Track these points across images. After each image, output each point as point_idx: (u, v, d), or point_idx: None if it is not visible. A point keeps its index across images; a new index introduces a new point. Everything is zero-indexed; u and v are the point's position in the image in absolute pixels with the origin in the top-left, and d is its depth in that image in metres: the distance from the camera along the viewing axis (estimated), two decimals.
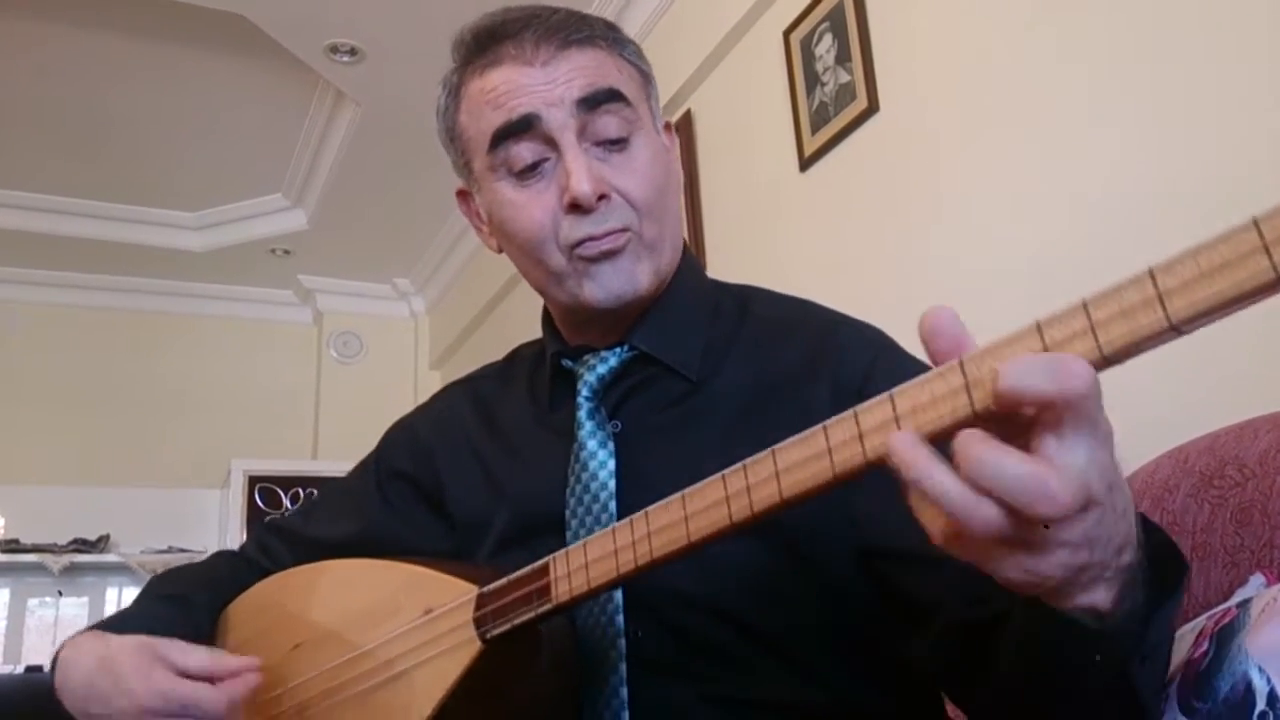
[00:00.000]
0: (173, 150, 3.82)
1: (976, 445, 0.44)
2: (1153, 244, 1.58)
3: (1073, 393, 0.42)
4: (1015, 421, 0.44)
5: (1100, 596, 0.49)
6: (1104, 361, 0.44)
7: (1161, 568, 0.53)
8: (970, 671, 0.67)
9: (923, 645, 0.72)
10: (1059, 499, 0.43)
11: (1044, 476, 0.43)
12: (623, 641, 0.78)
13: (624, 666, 0.77)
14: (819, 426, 0.51)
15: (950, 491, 0.44)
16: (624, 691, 0.77)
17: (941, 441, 0.46)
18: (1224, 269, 0.41)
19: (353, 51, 3.09)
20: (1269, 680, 0.67)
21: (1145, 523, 0.52)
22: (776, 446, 0.53)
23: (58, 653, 0.86)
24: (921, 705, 0.84)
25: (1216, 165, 1.38)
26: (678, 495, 0.58)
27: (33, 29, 3.12)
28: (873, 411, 0.49)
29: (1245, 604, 0.76)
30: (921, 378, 0.48)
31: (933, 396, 0.47)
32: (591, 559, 0.63)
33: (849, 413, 0.50)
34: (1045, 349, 0.44)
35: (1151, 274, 0.42)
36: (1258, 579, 0.83)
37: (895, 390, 0.48)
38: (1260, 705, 0.67)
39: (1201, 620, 0.81)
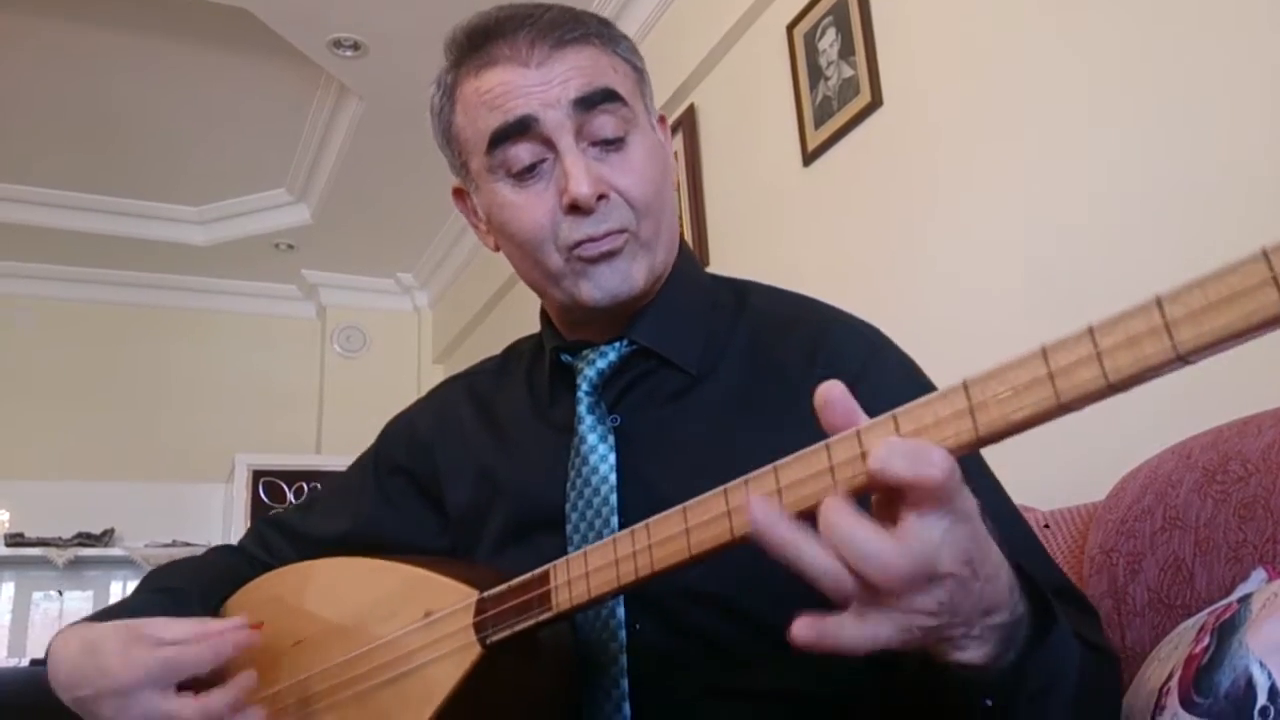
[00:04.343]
0: (176, 145, 3.82)
1: (835, 514, 0.49)
2: (1153, 241, 1.58)
3: (929, 480, 0.46)
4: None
5: (973, 654, 0.53)
6: (1110, 389, 0.43)
7: (1041, 620, 0.58)
8: (882, 679, 0.71)
9: None
10: (893, 570, 0.47)
11: (885, 548, 0.47)
12: (623, 633, 0.78)
13: (625, 658, 0.78)
14: (821, 444, 0.51)
15: (811, 561, 0.49)
16: (624, 683, 0.77)
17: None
18: (1232, 300, 0.40)
19: (356, 46, 3.09)
20: (1270, 675, 0.67)
21: (1026, 580, 0.57)
22: (779, 463, 0.53)
23: (49, 646, 0.87)
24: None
25: (1217, 163, 1.38)
26: (679, 508, 0.57)
27: (36, 24, 3.12)
28: (876, 429, 0.49)
29: (1246, 599, 0.76)
30: (926, 398, 0.49)
31: (936, 418, 0.48)
32: (592, 568, 0.62)
33: (851, 431, 0.50)
34: (1050, 374, 0.45)
35: (1159, 302, 0.42)
36: (1259, 574, 0.83)
37: (900, 410, 0.49)
38: (1261, 700, 0.67)
39: (1203, 615, 0.81)
